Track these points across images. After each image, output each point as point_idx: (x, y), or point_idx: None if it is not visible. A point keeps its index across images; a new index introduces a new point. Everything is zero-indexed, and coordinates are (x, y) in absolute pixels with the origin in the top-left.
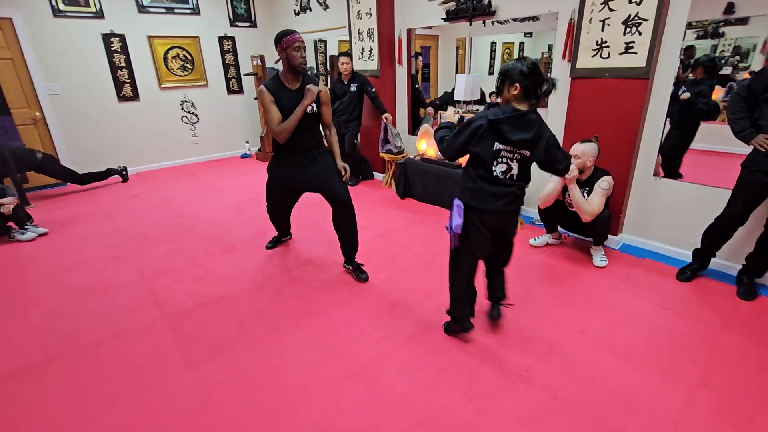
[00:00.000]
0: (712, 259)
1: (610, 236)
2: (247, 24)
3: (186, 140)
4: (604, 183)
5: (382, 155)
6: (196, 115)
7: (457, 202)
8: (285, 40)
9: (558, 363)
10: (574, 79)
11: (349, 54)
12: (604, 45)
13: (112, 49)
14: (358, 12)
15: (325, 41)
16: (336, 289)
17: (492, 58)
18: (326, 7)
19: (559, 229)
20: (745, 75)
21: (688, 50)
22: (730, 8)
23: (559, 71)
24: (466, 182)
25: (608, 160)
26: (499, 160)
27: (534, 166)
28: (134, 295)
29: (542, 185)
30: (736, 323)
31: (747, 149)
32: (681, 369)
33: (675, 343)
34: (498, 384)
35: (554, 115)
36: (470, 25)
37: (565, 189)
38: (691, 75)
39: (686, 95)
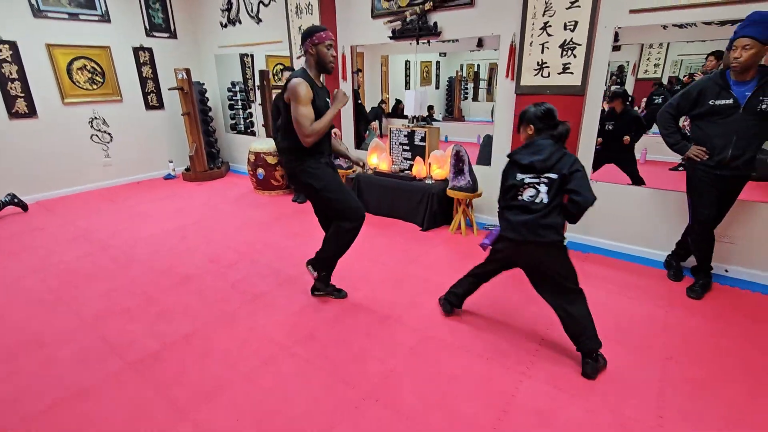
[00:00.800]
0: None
1: None
2: (166, 35)
3: (97, 162)
4: None
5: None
6: (109, 134)
7: (496, 228)
8: (318, 36)
9: (550, 353)
10: (519, 95)
11: (292, 69)
12: (544, 65)
13: (1, 58)
14: (300, 27)
15: (252, 55)
16: (319, 310)
17: (407, 76)
18: (259, 20)
19: None
20: None
21: None
22: (615, 37)
23: (504, 89)
24: (501, 213)
25: None
26: (527, 186)
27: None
28: (80, 345)
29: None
30: (678, 302)
31: (670, 155)
32: (646, 345)
33: (634, 324)
34: (508, 382)
35: (501, 127)
36: (417, 44)
37: None
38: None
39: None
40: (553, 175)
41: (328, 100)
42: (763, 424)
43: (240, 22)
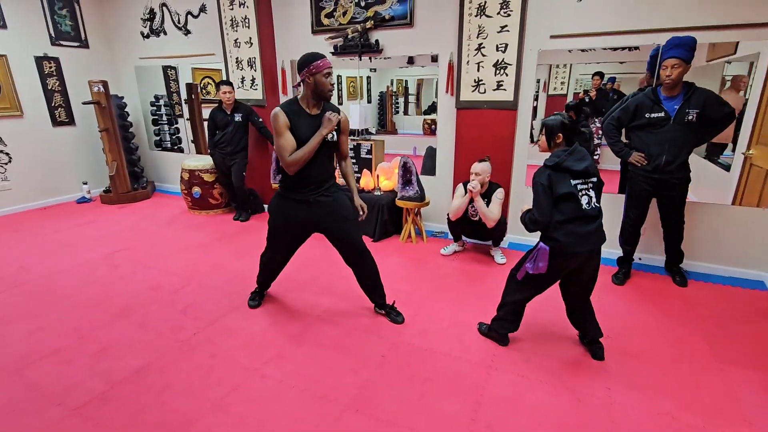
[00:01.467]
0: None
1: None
2: (76, 44)
3: None
4: (500, 194)
5: (275, 186)
6: (7, 154)
7: (542, 246)
8: (315, 65)
9: (511, 346)
10: (459, 109)
11: (231, 83)
12: (480, 83)
13: None
14: (235, 40)
15: (175, 68)
16: (284, 328)
17: (339, 90)
18: (187, 32)
19: (463, 237)
20: None
21: None
22: None
23: (444, 103)
24: (552, 228)
25: (493, 175)
26: (581, 194)
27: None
28: (6, 396)
29: (444, 201)
30: (606, 289)
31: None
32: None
33: None
34: (477, 376)
35: (444, 139)
36: (360, 60)
37: (469, 202)
38: None
39: None
40: (595, 179)
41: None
42: (688, 384)
43: (165, 33)
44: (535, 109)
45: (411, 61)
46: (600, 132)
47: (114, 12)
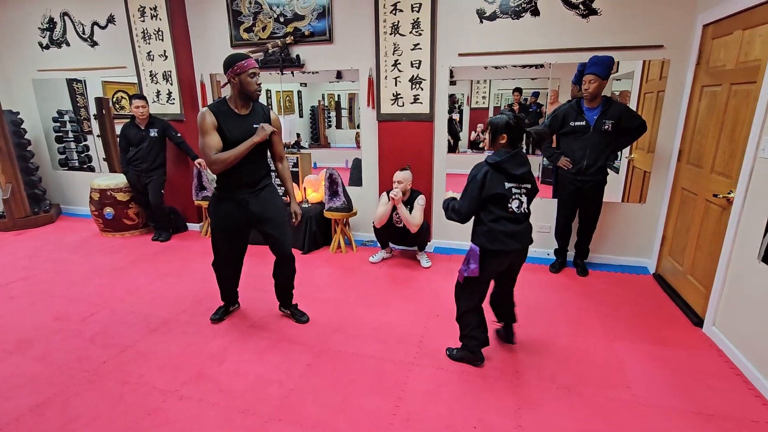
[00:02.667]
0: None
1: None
2: None
3: None
4: (421, 200)
5: (199, 203)
6: None
7: (473, 247)
8: (239, 65)
9: (432, 341)
10: (381, 122)
11: (144, 97)
12: (399, 96)
13: None
14: (148, 53)
15: (82, 81)
16: (206, 347)
17: (269, 104)
18: (94, 43)
19: (390, 244)
20: None
21: None
22: (451, 74)
23: (366, 116)
24: (481, 228)
25: (415, 183)
26: (512, 197)
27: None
28: None
29: (371, 211)
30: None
31: None
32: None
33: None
34: (399, 373)
35: (368, 150)
36: (281, 74)
37: (393, 210)
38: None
39: None
40: (529, 185)
41: (257, 126)
42: (583, 360)
43: (68, 44)
44: (459, 121)
45: (339, 75)
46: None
47: (4, 20)
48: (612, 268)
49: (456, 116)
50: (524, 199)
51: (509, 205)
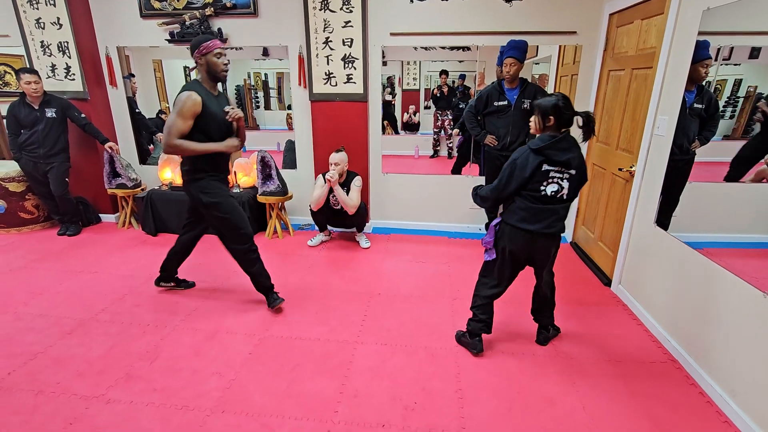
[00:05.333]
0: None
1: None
2: None
3: None
4: (358, 181)
5: (113, 191)
6: None
7: (494, 221)
8: (204, 46)
9: (374, 321)
10: (313, 102)
11: (35, 71)
12: (331, 76)
13: None
14: (37, 20)
15: None
16: (133, 344)
17: (187, 82)
18: None
19: (328, 227)
20: None
21: None
22: (383, 54)
23: (298, 96)
24: (510, 204)
25: (351, 164)
26: (550, 180)
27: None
28: None
29: (307, 194)
30: (480, 259)
31: None
32: (439, 293)
33: (435, 279)
34: (344, 353)
35: (301, 132)
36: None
37: (330, 192)
38: None
39: None
40: (574, 171)
41: (226, 109)
42: (515, 318)
43: None
44: (392, 103)
45: (266, 52)
46: (445, 123)
47: None
48: None
49: (389, 97)
50: (565, 184)
51: (542, 187)
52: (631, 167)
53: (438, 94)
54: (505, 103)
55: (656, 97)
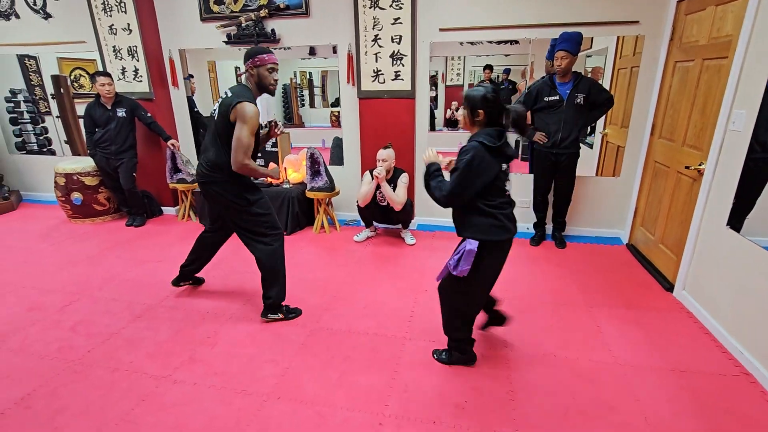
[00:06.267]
0: None
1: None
2: None
3: None
4: (405, 178)
5: (174, 186)
6: None
7: (470, 243)
8: (260, 58)
9: (422, 318)
10: (361, 99)
11: (108, 74)
12: (380, 73)
13: None
14: (110, 27)
15: (35, 57)
16: (195, 331)
17: (238, 82)
18: (47, 15)
19: (374, 223)
20: None
21: None
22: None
23: (346, 93)
24: (482, 219)
25: (398, 160)
26: (507, 179)
27: None
28: None
29: (354, 190)
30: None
31: None
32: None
33: None
34: (393, 348)
35: (349, 127)
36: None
37: (377, 188)
38: None
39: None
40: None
41: (271, 123)
42: (564, 327)
43: (17, 17)
44: (435, 98)
45: (313, 51)
46: None
47: None
48: (588, 239)
49: (431, 93)
50: (509, 178)
51: (506, 187)
52: (699, 165)
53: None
54: (557, 98)
55: (732, 90)
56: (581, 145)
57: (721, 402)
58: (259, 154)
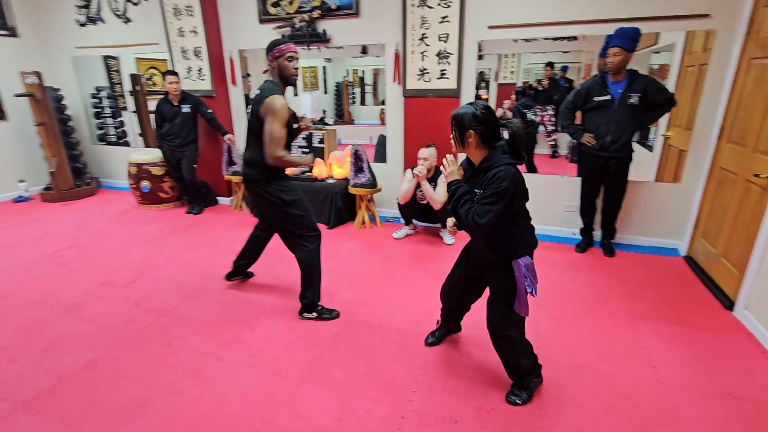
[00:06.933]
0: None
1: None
2: (4, 32)
3: None
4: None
5: (229, 178)
6: None
7: (525, 262)
8: (278, 49)
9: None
10: (407, 98)
11: (176, 73)
12: (425, 72)
13: None
14: (179, 29)
15: (117, 58)
16: (239, 315)
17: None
18: (127, 20)
19: (413, 221)
20: None
21: None
22: (479, 48)
23: (392, 92)
24: (522, 232)
25: (440, 160)
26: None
27: None
28: None
29: (396, 187)
30: (573, 266)
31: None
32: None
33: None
34: (423, 346)
35: (393, 125)
36: (308, 49)
37: (417, 186)
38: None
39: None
40: None
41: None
42: (605, 338)
43: (103, 21)
44: (484, 97)
45: (365, 50)
46: (544, 119)
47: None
48: (641, 249)
49: (483, 93)
50: None
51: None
52: None
53: (539, 88)
54: (608, 98)
55: None
56: (636, 148)
57: None
58: (308, 149)
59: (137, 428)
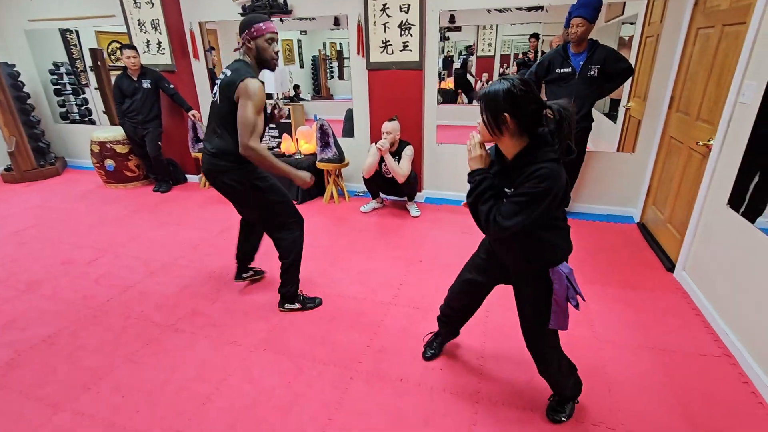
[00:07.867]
0: None
1: (417, 193)
2: None
3: None
4: (409, 150)
5: (196, 155)
6: None
7: (566, 270)
8: (256, 27)
9: (410, 287)
10: (370, 70)
11: (134, 47)
12: (388, 44)
13: None
14: (135, 1)
15: (75, 31)
16: (201, 289)
17: None
18: None
19: (380, 194)
20: None
21: None
22: (452, 19)
23: (356, 65)
24: (561, 238)
25: (405, 133)
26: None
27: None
28: None
29: (360, 162)
30: None
31: None
32: None
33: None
34: (377, 313)
35: (359, 100)
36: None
37: (381, 160)
38: None
39: None
40: None
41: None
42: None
43: None
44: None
45: (337, 22)
46: None
47: None
48: (597, 217)
49: (457, 65)
50: None
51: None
52: (708, 140)
53: (525, 59)
54: (569, 70)
55: (745, 58)
56: (602, 119)
57: (694, 381)
58: (273, 125)
59: (93, 396)
